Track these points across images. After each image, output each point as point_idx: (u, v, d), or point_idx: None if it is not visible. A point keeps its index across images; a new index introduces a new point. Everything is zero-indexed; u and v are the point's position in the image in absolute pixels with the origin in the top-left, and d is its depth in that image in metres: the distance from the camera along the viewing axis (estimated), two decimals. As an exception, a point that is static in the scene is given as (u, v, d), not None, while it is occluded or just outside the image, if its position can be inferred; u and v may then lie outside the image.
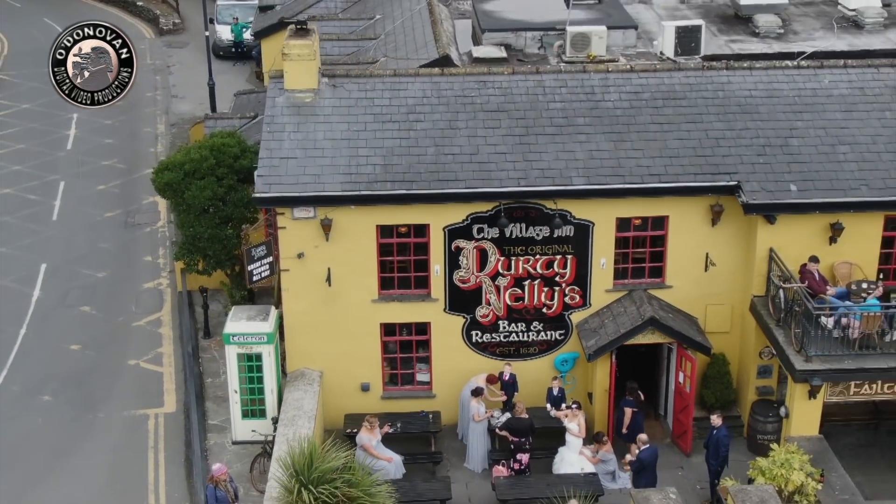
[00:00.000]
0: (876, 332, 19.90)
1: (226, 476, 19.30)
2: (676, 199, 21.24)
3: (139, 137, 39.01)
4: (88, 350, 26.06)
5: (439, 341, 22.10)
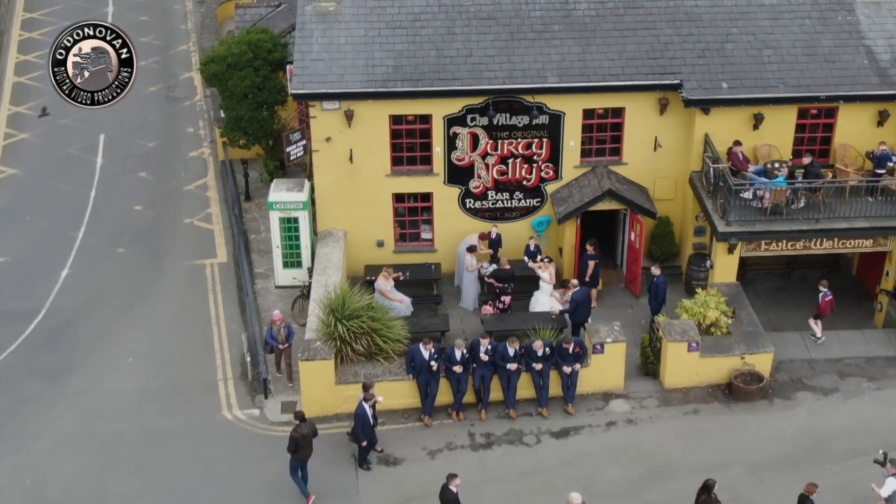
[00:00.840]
0: (784, 202, 25.30)
1: (281, 321, 24.79)
2: (631, 94, 26.27)
3: (171, 14, 43.58)
4: (149, 210, 31.49)
5: (440, 207, 27.50)
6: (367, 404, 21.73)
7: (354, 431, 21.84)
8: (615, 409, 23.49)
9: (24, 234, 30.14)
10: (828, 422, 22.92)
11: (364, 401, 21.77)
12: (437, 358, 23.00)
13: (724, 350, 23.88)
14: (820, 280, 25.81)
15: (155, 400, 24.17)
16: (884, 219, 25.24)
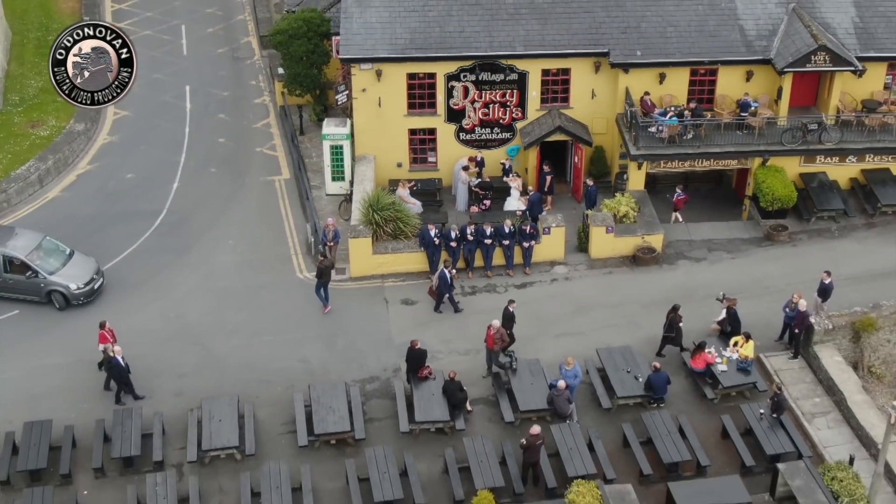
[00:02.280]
0: (677, 134, 36.81)
1: (331, 226, 36.10)
2: (575, 59, 37.65)
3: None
4: (229, 142, 42.98)
5: (441, 138, 38.98)
6: (448, 272, 33.04)
7: (438, 287, 33.15)
8: (557, 272, 35.24)
9: (141, 158, 41.70)
10: (696, 278, 34.62)
11: (445, 268, 33.11)
12: (440, 236, 34.68)
13: (630, 232, 35.59)
14: (678, 185, 37.41)
15: (249, 267, 35.88)
16: (745, 146, 36.82)
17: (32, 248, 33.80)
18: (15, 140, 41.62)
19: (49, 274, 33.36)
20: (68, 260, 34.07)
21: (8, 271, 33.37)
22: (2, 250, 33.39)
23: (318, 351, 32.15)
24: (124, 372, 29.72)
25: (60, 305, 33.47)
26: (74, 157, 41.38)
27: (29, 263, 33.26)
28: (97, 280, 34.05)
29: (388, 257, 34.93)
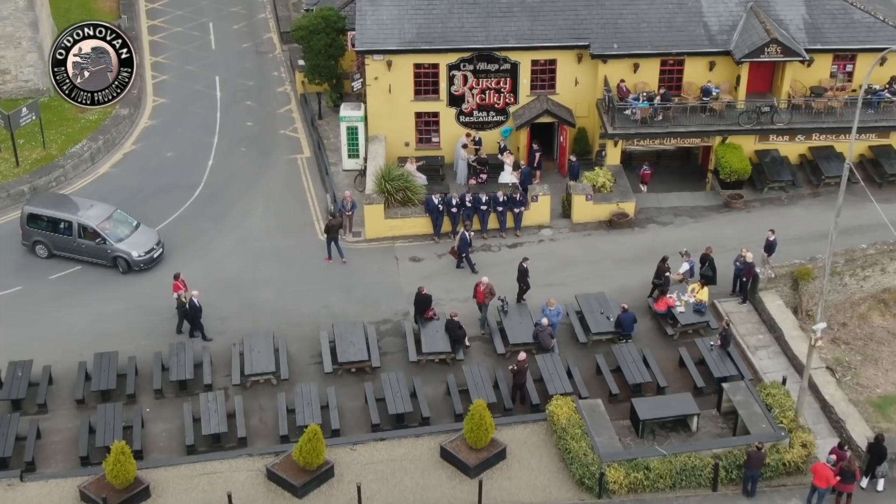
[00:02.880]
0: (648, 116, 42.34)
1: (348, 198, 41.64)
2: (560, 51, 43.20)
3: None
4: (256, 125, 48.50)
5: (443, 120, 44.52)
6: (468, 233, 38.52)
7: (458, 247, 38.66)
8: (544, 234, 40.82)
9: (179, 139, 47.27)
10: (663, 239, 40.14)
11: (465, 230, 38.57)
12: (442, 203, 40.24)
13: (607, 200, 41.16)
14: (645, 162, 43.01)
15: (277, 230, 41.44)
16: (708, 126, 42.41)
17: (104, 218, 39.17)
18: (67, 123, 47.19)
19: (116, 242, 38.79)
20: (134, 231, 39.44)
21: (81, 237, 38.80)
22: (77, 218, 38.84)
23: (338, 298, 37.73)
24: (199, 312, 35.21)
25: (123, 270, 38.88)
26: (121, 138, 46.99)
27: (99, 231, 38.66)
28: (157, 250, 39.38)
29: (397, 221, 40.54)
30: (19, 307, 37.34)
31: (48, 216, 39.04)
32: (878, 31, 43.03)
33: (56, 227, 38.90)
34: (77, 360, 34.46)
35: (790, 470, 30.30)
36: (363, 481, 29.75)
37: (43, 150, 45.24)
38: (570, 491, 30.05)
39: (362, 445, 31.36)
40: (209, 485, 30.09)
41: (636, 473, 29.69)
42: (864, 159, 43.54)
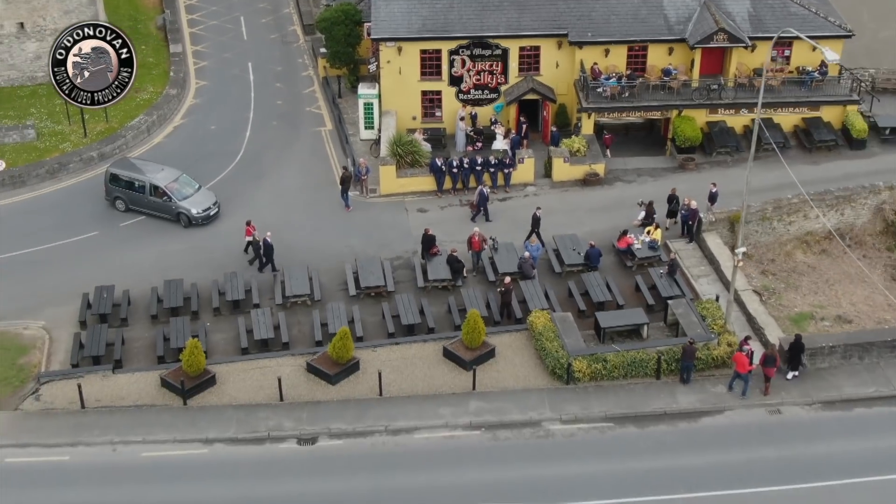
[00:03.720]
0: (617, 93, 50.55)
1: (364, 164, 49.87)
2: (543, 39, 51.43)
3: (276, -11, 68.40)
4: (285, 103, 56.72)
5: (445, 98, 52.76)
6: (485, 189, 46.78)
7: (477, 202, 46.84)
8: (529, 190, 49.05)
9: (221, 115, 55.50)
10: (628, 193, 48.31)
11: (483, 187, 46.81)
12: (444, 165, 48.44)
13: (581, 162, 49.38)
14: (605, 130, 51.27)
15: (307, 188, 49.65)
16: (667, 101, 50.63)
17: (171, 180, 47.23)
18: (125, 102, 55.06)
19: (180, 200, 46.92)
20: (195, 192, 47.51)
21: (152, 195, 46.94)
22: (150, 179, 46.96)
23: (359, 240, 45.97)
24: (271, 249, 43.39)
25: (185, 224, 46.95)
26: (171, 114, 55.25)
27: (167, 191, 46.80)
28: (213, 209, 47.41)
29: (407, 180, 48.74)
30: (97, 247, 45.65)
31: (126, 177, 47.27)
32: (811, 22, 51.20)
33: (132, 186, 47.11)
34: (149, 286, 42.75)
35: (718, 364, 38.49)
36: (383, 372, 37.98)
37: (106, 124, 53.39)
38: (545, 380, 38.29)
39: (381, 348, 39.59)
40: (261, 375, 38.34)
41: (596, 365, 37.90)
42: (797, 129, 51.77)
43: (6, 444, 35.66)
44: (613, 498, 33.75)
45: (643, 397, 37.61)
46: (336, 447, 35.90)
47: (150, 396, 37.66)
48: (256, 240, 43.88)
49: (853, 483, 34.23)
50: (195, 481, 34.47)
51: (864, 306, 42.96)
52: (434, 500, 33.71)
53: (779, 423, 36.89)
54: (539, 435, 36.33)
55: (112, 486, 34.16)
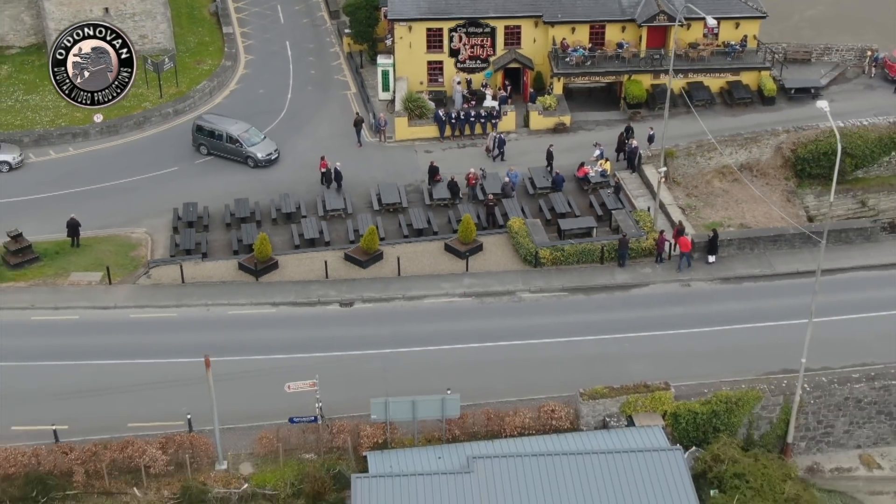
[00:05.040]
0: (581, 62, 64.45)
1: (382, 117, 63.67)
2: (523, 19, 65.34)
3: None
4: (317, 73, 70.60)
5: (446, 66, 66.68)
6: (503, 135, 60.69)
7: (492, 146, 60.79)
8: (511, 136, 62.89)
9: (266, 82, 69.41)
10: (587, 138, 62.07)
11: (499, 133, 60.78)
12: (446, 116, 62.36)
13: (552, 115, 63.27)
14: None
15: (338, 135, 63.48)
16: (620, 68, 64.53)
17: (243, 130, 60.94)
18: (188, 71, 69.29)
19: (249, 146, 60.68)
20: (261, 141, 61.22)
21: (228, 142, 60.66)
22: (226, 130, 60.70)
23: (380, 172, 59.84)
24: (340, 176, 57.27)
25: (252, 166, 60.68)
26: (227, 81, 69.20)
27: (238, 139, 60.56)
28: (274, 154, 61.02)
29: (416, 128, 62.64)
30: (179, 178, 59.59)
31: (208, 128, 61.15)
32: (734, 6, 65.04)
33: (213, 135, 60.96)
34: (223, 204, 56.66)
35: (646, 253, 52.39)
36: (400, 260, 51.86)
37: (176, 88, 67.37)
38: (519, 265, 52.30)
39: (398, 245, 53.42)
40: (311, 262, 52.27)
41: (556, 253, 51.82)
42: (722, 90, 65.63)
43: (130, 305, 49.71)
44: (567, 337, 47.62)
45: (590, 275, 51.64)
46: (367, 308, 49.93)
47: (231, 276, 51.64)
48: (329, 170, 57.72)
49: (738, 328, 48.11)
50: (268, 330, 48.37)
51: (762, 218, 56.82)
52: (437, 341, 47.54)
53: (688, 292, 50.94)
54: (514, 300, 50.35)
55: (207, 332, 47.96)
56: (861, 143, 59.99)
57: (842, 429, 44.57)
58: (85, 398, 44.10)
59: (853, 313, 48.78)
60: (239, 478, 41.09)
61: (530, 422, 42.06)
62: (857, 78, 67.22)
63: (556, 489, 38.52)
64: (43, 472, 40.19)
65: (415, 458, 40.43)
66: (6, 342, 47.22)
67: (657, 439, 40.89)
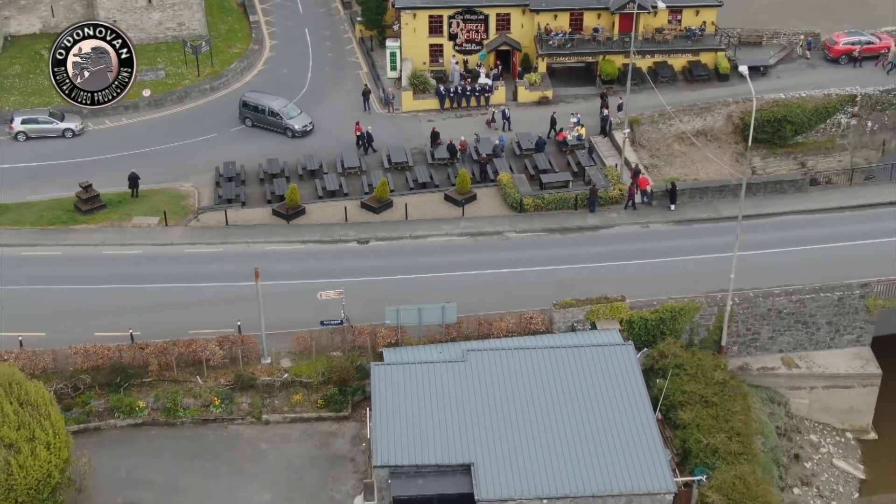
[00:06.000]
0: (561, 44, 74.66)
1: (391, 91, 73.91)
2: (512, 8, 75.60)
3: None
4: (333, 55, 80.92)
5: (445, 49, 76.89)
6: (506, 110, 71.12)
7: (504, 116, 71.20)
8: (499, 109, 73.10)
9: (289, 63, 79.68)
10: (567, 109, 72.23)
11: (500, 109, 71.18)
12: (445, 91, 72.60)
13: (537, 89, 73.53)
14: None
15: (353, 108, 73.72)
16: (595, 50, 74.80)
17: (282, 106, 71.14)
18: (221, 54, 79.59)
19: (288, 119, 70.81)
20: (298, 114, 71.34)
21: (269, 115, 70.83)
22: (268, 104, 70.86)
23: (389, 136, 70.08)
24: (372, 138, 67.53)
25: (290, 136, 70.75)
26: (255, 62, 79.55)
27: (279, 112, 70.69)
28: (309, 126, 71.07)
29: (419, 101, 72.94)
30: (217, 143, 69.80)
31: (252, 103, 71.39)
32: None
33: (256, 109, 71.18)
34: (257, 163, 66.94)
35: (613, 201, 62.68)
36: (408, 207, 62.13)
37: (211, 68, 77.65)
38: (507, 211, 62.67)
39: (405, 195, 63.68)
40: (332, 209, 62.57)
41: (538, 201, 62.12)
42: (684, 68, 75.83)
43: (184, 242, 60.07)
44: (545, 266, 57.87)
45: (566, 219, 61.98)
46: (381, 245, 60.30)
47: (266, 220, 61.95)
48: (363, 132, 67.99)
49: (687, 259, 58.35)
50: (298, 262, 58.65)
51: (714, 175, 67.01)
52: (438, 270, 57.71)
53: (647, 232, 61.32)
54: (502, 238, 60.75)
55: (248, 263, 57.97)
56: (800, 112, 70.18)
57: (766, 335, 54.76)
58: (152, 312, 54.33)
59: (782, 247, 59.07)
60: (280, 369, 51.43)
61: (513, 326, 52.32)
62: (802, 58, 77.40)
63: (533, 375, 48.64)
64: (124, 363, 50.48)
65: (420, 353, 50.65)
66: (83, 270, 57.54)
67: (613, 338, 51.10)
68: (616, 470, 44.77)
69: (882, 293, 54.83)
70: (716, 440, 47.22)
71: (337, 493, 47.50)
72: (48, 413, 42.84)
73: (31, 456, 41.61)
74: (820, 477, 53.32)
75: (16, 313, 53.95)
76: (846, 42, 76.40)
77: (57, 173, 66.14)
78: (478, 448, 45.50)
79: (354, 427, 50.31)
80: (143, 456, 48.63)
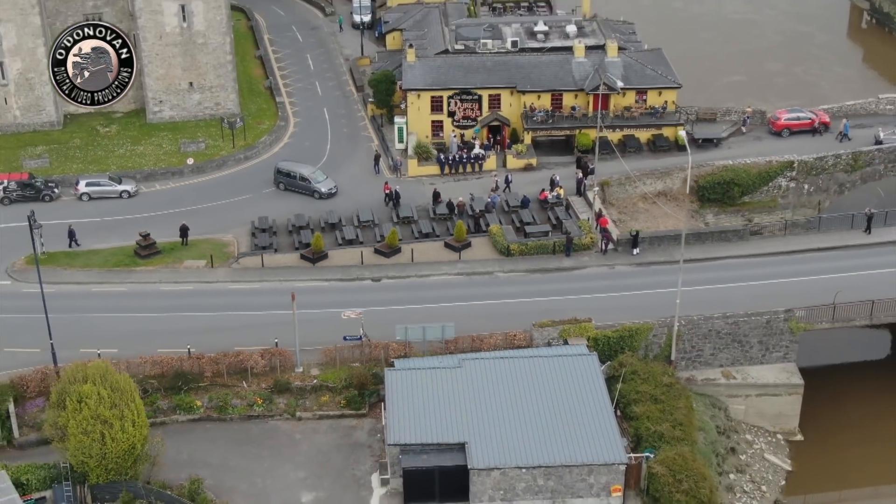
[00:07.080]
0: (544, 120, 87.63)
1: (398, 159, 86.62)
2: (502, 89, 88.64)
3: (334, 60, 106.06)
4: (348, 130, 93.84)
5: (445, 125, 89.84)
6: (508, 175, 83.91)
7: (506, 181, 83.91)
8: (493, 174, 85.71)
9: (311, 137, 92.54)
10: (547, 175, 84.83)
11: (502, 175, 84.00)
12: (445, 158, 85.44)
13: (523, 157, 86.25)
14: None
15: (366, 173, 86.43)
16: (573, 125, 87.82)
17: (311, 171, 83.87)
18: (252, 129, 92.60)
19: (315, 183, 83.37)
20: (324, 179, 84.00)
21: (300, 180, 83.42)
22: (298, 171, 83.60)
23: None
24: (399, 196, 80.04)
25: (318, 198, 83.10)
26: (282, 136, 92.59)
27: (307, 177, 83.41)
28: (334, 189, 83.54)
29: (423, 168, 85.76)
30: (252, 202, 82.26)
31: (285, 171, 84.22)
32: (657, 79, 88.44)
33: (288, 175, 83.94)
34: (286, 218, 79.38)
35: (585, 248, 74.99)
36: (413, 252, 74.38)
37: (244, 141, 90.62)
38: (496, 255, 74.91)
39: (411, 243, 75.95)
40: (350, 254, 74.91)
41: (522, 247, 74.43)
42: (649, 141, 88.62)
43: (227, 280, 72.31)
44: (528, 298, 69.90)
45: (546, 261, 74.34)
46: (391, 282, 72.61)
47: (295, 263, 74.24)
48: (391, 190, 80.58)
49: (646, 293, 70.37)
50: (322, 296, 70.68)
51: (672, 227, 79.30)
52: (439, 301, 69.72)
53: (613, 272, 73.69)
54: (492, 277, 73.04)
55: (281, 297, 70.05)
56: (745, 176, 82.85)
57: (708, 352, 66.58)
58: (204, 334, 66.29)
59: (725, 283, 71.21)
60: (310, 376, 63.27)
61: (500, 342, 64.29)
62: (750, 132, 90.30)
63: (515, 378, 60.43)
64: (184, 370, 62.30)
65: (424, 362, 62.46)
66: (145, 303, 69.68)
67: (581, 350, 62.97)
68: (581, 447, 56.41)
69: (804, 318, 66.77)
70: (662, 428, 58.75)
71: (357, 472, 58.97)
72: (133, 398, 54.64)
73: (121, 430, 53.25)
74: (753, 467, 64.67)
75: (91, 335, 65.92)
76: (787, 118, 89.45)
77: (117, 227, 78.63)
78: (470, 431, 57.15)
79: (371, 422, 61.94)
80: (201, 443, 60.25)
